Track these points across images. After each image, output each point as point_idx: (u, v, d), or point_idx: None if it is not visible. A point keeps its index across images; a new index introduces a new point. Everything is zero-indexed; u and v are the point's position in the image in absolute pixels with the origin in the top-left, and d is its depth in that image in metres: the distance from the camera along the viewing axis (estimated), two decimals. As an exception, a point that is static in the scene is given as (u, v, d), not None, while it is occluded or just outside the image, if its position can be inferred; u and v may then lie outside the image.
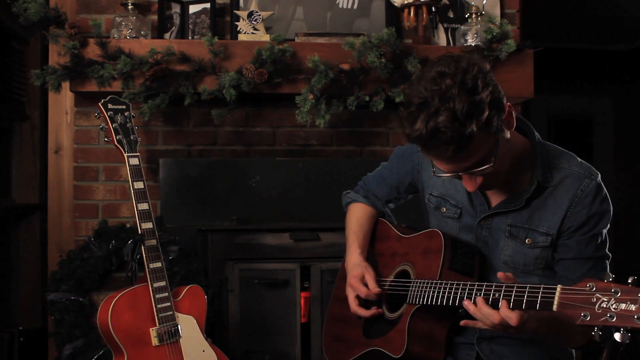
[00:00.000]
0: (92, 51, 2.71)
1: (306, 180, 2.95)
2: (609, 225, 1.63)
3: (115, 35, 2.78)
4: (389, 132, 3.10)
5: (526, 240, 1.64)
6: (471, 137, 1.41)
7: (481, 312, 1.44)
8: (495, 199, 1.69)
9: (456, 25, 3.07)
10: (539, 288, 1.35)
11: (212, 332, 2.57)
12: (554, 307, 1.30)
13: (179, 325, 2.11)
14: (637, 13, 5.14)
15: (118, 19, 2.80)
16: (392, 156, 2.00)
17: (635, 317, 1.18)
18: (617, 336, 1.20)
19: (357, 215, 1.97)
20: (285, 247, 2.78)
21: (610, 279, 1.25)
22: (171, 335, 2.08)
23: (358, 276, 1.78)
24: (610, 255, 1.65)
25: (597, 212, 1.59)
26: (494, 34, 2.79)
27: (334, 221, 2.77)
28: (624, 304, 1.20)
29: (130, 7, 2.80)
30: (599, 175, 1.63)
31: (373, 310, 1.76)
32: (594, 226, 1.60)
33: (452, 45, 3.02)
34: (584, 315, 1.24)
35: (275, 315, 2.77)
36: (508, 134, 1.54)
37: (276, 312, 2.77)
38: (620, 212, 6.14)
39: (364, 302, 1.79)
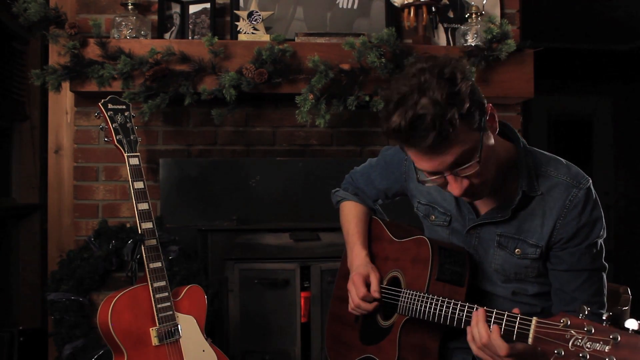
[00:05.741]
0: (92, 51, 2.71)
1: (306, 180, 2.95)
2: (604, 233, 1.57)
3: (115, 35, 2.78)
4: (389, 132, 3.09)
5: (516, 251, 1.60)
6: (452, 124, 1.34)
7: (478, 327, 1.41)
8: (483, 207, 1.65)
9: (456, 25, 3.06)
10: (516, 317, 1.34)
11: (212, 332, 2.57)
12: (529, 340, 1.28)
13: (179, 325, 2.11)
14: (637, 13, 5.13)
15: (118, 19, 2.80)
16: (379, 158, 1.95)
17: (607, 359, 1.15)
18: None
19: (353, 213, 1.96)
20: (285, 247, 2.78)
21: (586, 313, 1.22)
22: (171, 335, 2.08)
23: (363, 274, 1.77)
24: (606, 266, 1.60)
25: (587, 223, 1.54)
26: (494, 34, 2.79)
27: (334, 221, 2.75)
28: (598, 344, 1.17)
29: (130, 7, 2.80)
30: (590, 181, 1.56)
31: (375, 304, 1.74)
32: (585, 237, 1.55)
33: (452, 45, 3.02)
34: (558, 353, 1.22)
35: (275, 315, 2.77)
36: (492, 139, 1.47)
37: (276, 312, 2.77)
38: (620, 212, 6.13)
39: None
